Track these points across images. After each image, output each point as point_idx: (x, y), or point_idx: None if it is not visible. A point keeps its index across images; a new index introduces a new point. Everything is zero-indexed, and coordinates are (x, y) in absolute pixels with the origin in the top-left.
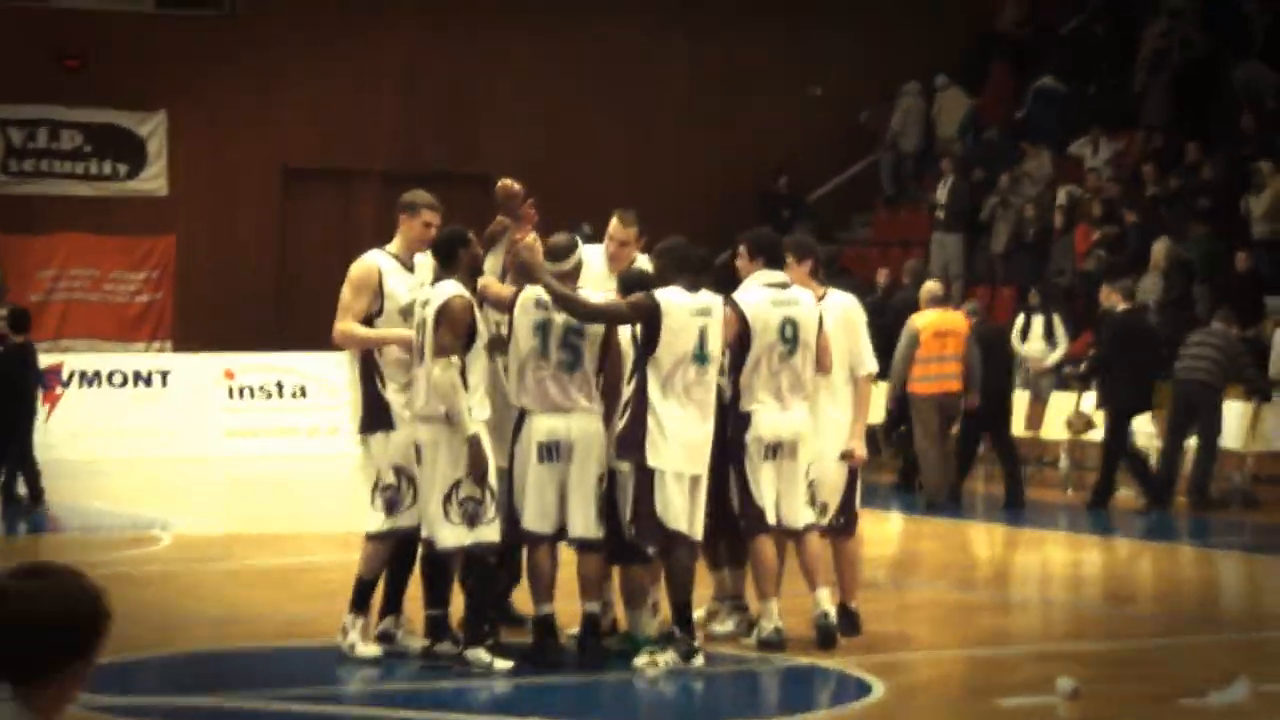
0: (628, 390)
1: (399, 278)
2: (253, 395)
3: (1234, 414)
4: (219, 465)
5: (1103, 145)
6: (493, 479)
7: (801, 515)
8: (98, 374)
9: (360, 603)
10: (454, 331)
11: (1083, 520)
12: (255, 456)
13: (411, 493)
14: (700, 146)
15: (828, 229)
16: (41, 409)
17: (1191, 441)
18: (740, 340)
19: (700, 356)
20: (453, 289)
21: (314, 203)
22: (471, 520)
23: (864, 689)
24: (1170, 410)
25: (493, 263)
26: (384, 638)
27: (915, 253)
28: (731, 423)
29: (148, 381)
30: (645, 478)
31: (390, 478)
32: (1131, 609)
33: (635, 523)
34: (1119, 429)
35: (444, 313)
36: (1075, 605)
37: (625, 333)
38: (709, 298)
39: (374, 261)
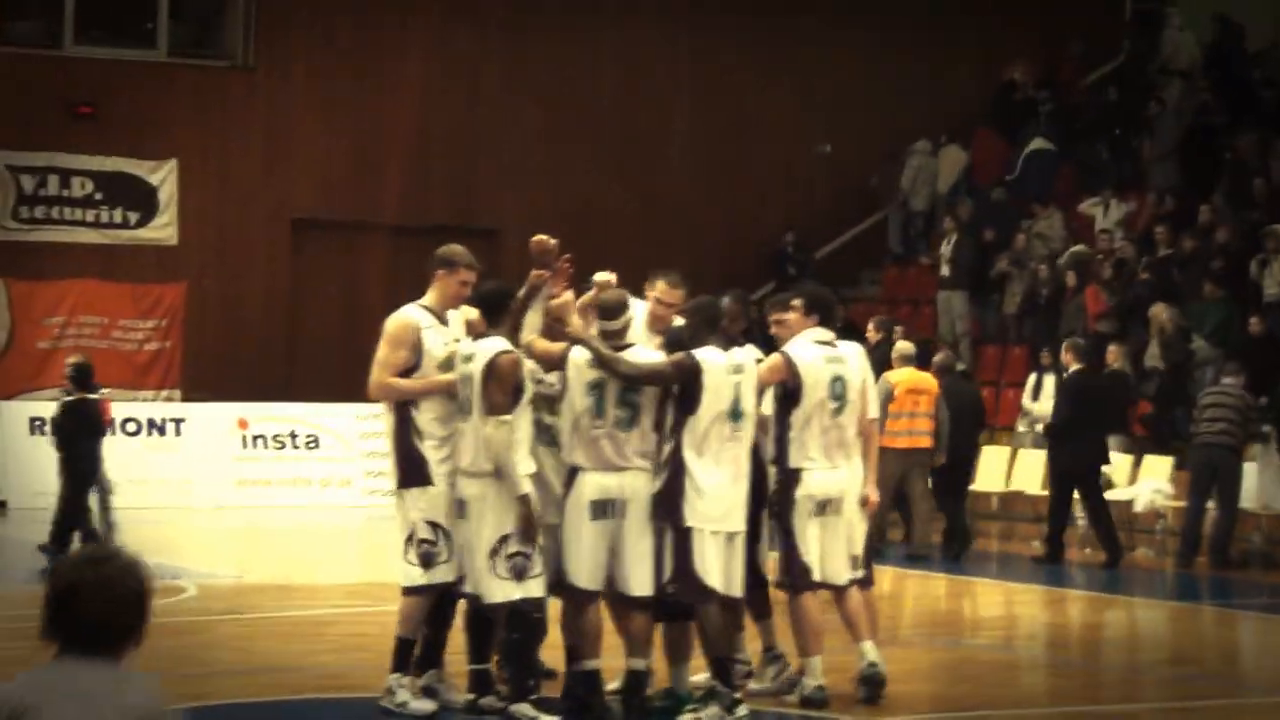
0: (665, 450)
1: (436, 333)
2: (266, 445)
3: (1252, 474)
4: (234, 514)
5: (1114, 207)
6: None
7: (845, 572)
8: (111, 421)
9: (403, 663)
10: (504, 389)
11: (1101, 579)
12: (268, 506)
13: (448, 548)
14: (707, 203)
15: (835, 286)
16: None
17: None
18: (789, 393)
19: (735, 414)
20: (499, 345)
21: (322, 254)
22: (519, 575)
23: None
24: (1193, 473)
25: (533, 318)
26: (428, 693)
27: (925, 311)
28: (778, 479)
29: (161, 430)
30: (682, 536)
31: (426, 533)
32: (1175, 670)
33: (674, 580)
34: (1065, 489)
35: (493, 370)
36: (1111, 667)
37: None
38: (741, 355)
39: (413, 317)
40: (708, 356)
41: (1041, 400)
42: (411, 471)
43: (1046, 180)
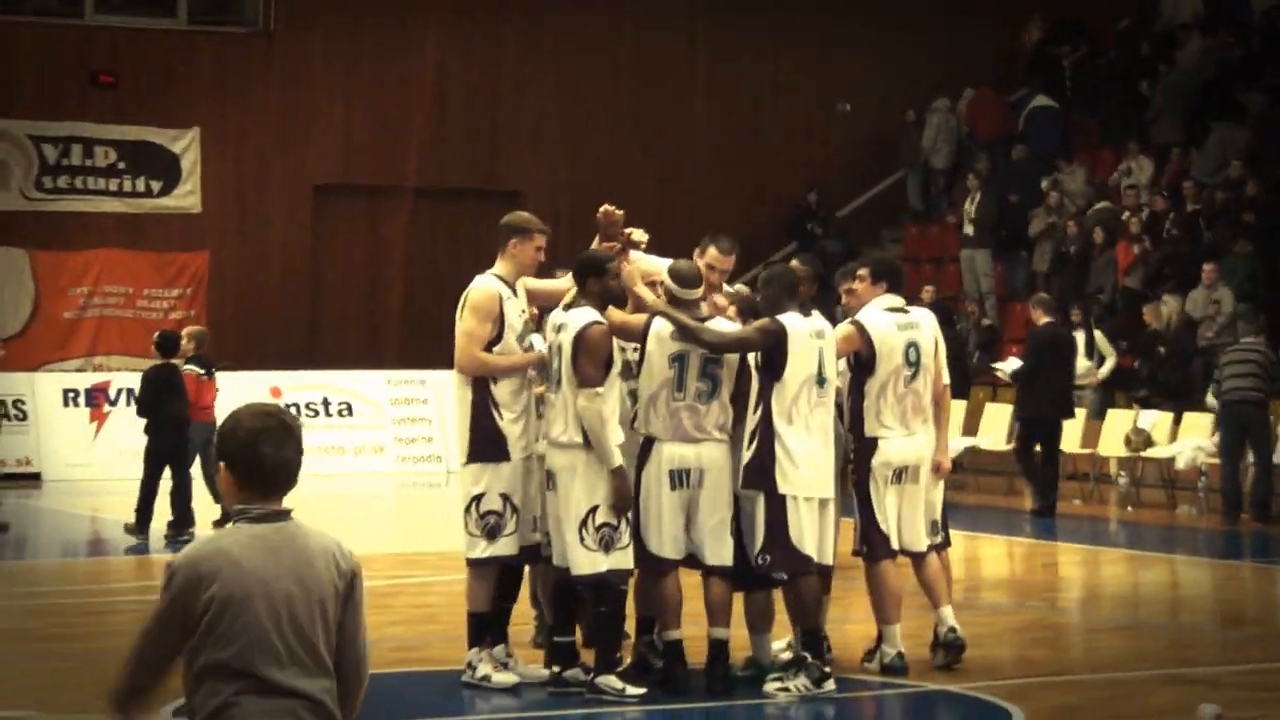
0: (752, 419)
1: (513, 304)
2: (298, 413)
3: None
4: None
5: (1142, 162)
6: None
7: (923, 538)
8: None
9: (479, 637)
10: (595, 361)
11: (1145, 537)
12: (304, 475)
13: (514, 520)
14: (726, 164)
15: (856, 245)
16: (90, 426)
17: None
18: (863, 362)
19: (820, 379)
20: (589, 316)
21: (344, 219)
22: (607, 546)
23: (1002, 715)
24: (1223, 432)
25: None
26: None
27: (948, 268)
28: (854, 448)
29: None
30: (777, 504)
31: (496, 504)
32: (1242, 631)
33: (768, 550)
34: (1030, 438)
35: (582, 342)
36: (1183, 627)
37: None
38: (820, 320)
39: (495, 287)
40: (791, 322)
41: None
42: (488, 446)
43: (1051, 136)
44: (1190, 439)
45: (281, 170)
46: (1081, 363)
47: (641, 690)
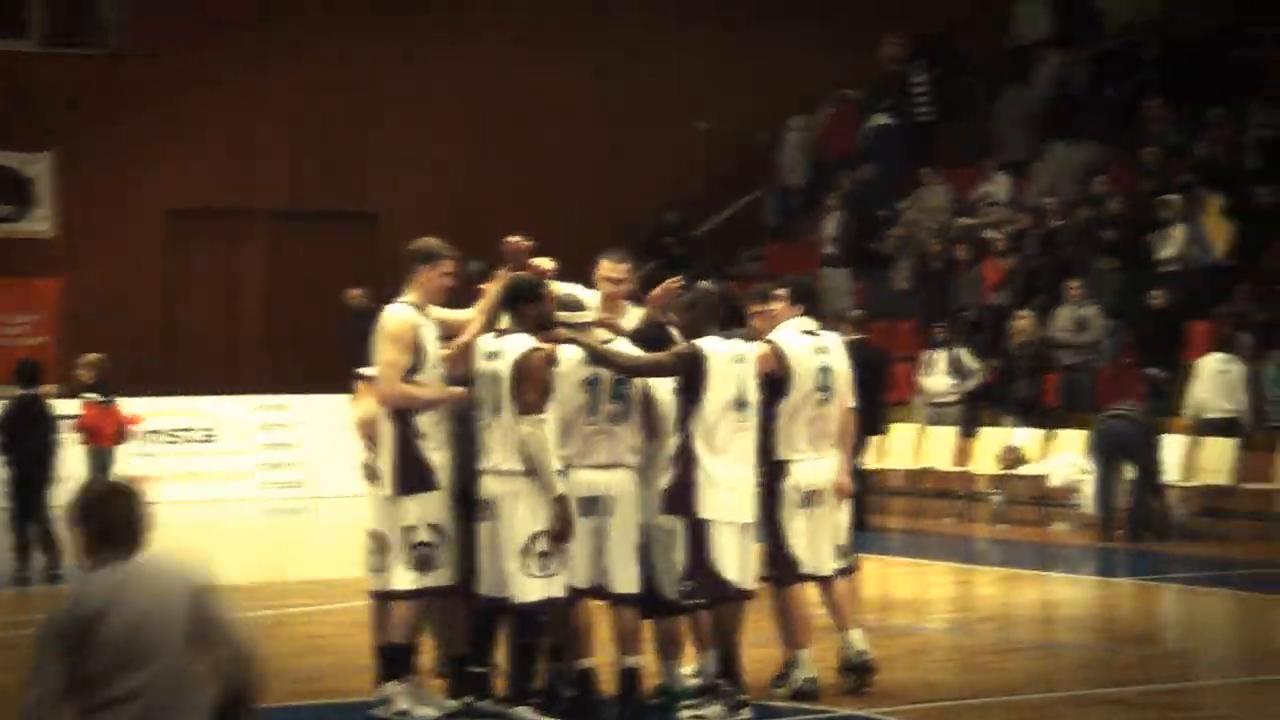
0: (671, 444)
1: (429, 331)
2: (160, 440)
3: (1172, 447)
4: None
5: (1000, 179)
6: None
7: (830, 562)
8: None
9: (401, 669)
10: (537, 388)
11: (1024, 555)
12: (164, 503)
13: (446, 551)
14: (588, 183)
15: (716, 265)
16: None
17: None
18: (775, 383)
19: (741, 403)
20: (526, 343)
21: (202, 244)
22: (547, 574)
23: None
24: (1098, 449)
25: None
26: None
27: None
28: (764, 472)
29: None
30: (698, 530)
31: (427, 535)
32: (1143, 650)
33: (691, 576)
34: None
35: (524, 369)
36: (1084, 647)
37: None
38: (742, 345)
39: (410, 316)
40: (711, 346)
41: (934, 376)
42: (414, 477)
43: (894, 154)
44: (1063, 455)
45: (137, 194)
46: (941, 380)
47: None
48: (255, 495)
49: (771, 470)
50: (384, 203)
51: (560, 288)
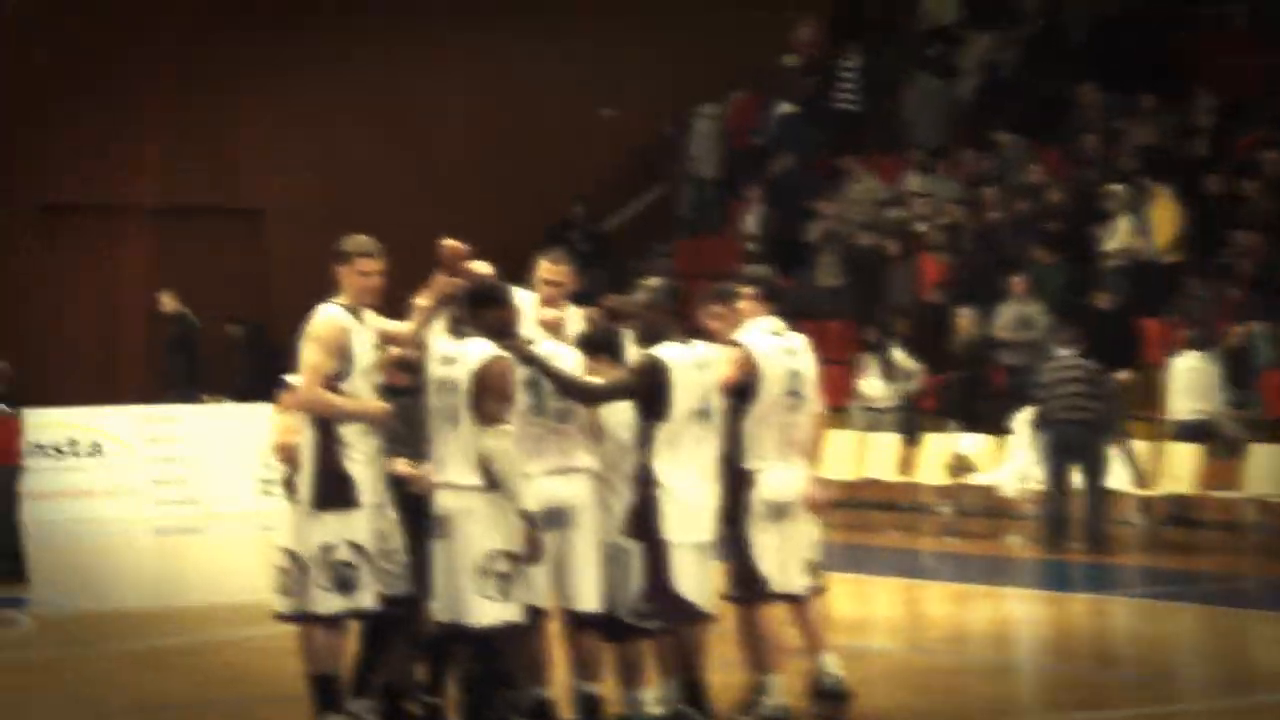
0: (627, 463)
1: (361, 336)
2: (45, 454)
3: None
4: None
5: (937, 170)
6: None
7: (800, 580)
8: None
9: (332, 701)
10: (499, 397)
11: (974, 570)
12: (51, 521)
13: (370, 571)
14: (485, 176)
15: (625, 260)
16: None
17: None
18: (744, 388)
19: (704, 413)
20: (488, 349)
21: (77, 240)
22: (505, 595)
23: None
24: (1048, 456)
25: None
26: None
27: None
28: (729, 483)
29: None
30: (659, 551)
31: (347, 554)
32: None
33: (650, 598)
34: None
35: (486, 379)
36: (1055, 668)
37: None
38: (705, 349)
39: (339, 317)
40: (671, 355)
41: (868, 379)
42: (334, 492)
43: (801, 143)
44: (1014, 463)
45: (11, 189)
46: (875, 385)
47: None
48: (145, 513)
49: (737, 481)
50: (268, 197)
51: None
